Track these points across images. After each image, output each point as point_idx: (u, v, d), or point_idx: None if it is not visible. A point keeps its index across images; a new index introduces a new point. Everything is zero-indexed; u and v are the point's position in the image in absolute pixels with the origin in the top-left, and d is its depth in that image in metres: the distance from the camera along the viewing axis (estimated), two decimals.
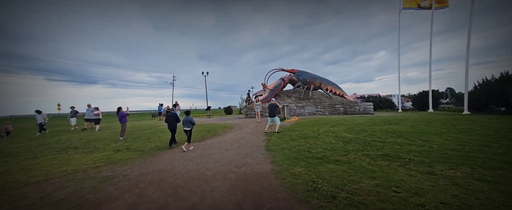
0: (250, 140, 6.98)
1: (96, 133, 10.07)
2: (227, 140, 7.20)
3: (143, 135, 8.90)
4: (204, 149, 5.97)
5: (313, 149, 5.12)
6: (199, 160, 4.80)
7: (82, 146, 7.23)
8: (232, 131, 9.05)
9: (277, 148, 5.46)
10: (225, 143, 6.68)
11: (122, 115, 8.30)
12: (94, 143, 7.64)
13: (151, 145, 7.01)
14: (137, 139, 8.05)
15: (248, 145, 6.23)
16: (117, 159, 5.28)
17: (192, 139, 7.65)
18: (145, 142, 7.52)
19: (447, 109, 16.75)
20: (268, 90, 18.44)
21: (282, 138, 6.66)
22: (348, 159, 4.17)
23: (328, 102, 17.23)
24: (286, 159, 4.51)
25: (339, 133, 6.60)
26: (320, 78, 19.33)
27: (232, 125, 10.70)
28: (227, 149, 5.77)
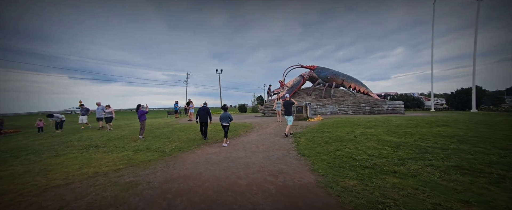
0: (277, 142, 6.42)
1: (114, 131, 10.07)
2: (251, 141, 6.70)
3: (162, 134, 8.69)
4: (229, 151, 5.51)
5: (356, 155, 4.44)
6: (226, 165, 4.34)
7: (102, 145, 7.11)
8: (253, 131, 8.55)
9: (311, 153, 4.85)
10: (249, 145, 6.18)
11: (141, 113, 8.12)
12: (114, 142, 7.51)
13: (171, 145, 6.70)
14: (156, 138, 7.83)
15: (275, 147, 5.68)
16: (138, 161, 4.98)
17: (213, 140, 7.26)
18: (165, 141, 7.24)
19: (493, 109, 14.91)
20: (286, 88, 17.74)
21: (313, 141, 6.02)
22: (408, 170, 3.46)
23: (352, 101, 16.16)
24: (328, 167, 3.89)
25: (379, 136, 5.82)
26: (343, 75, 18.22)
27: (252, 124, 10.20)
28: (254, 152, 5.26)
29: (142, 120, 8.13)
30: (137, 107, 8.28)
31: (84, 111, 11.83)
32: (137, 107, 8.25)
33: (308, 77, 17.94)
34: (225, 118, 6.77)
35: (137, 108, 8.25)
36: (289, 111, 7.40)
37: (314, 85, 17.95)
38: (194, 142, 6.95)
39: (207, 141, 7.05)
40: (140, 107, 8.27)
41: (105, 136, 8.69)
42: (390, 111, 15.23)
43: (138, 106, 8.28)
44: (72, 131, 10.63)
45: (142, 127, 8.10)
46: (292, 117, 7.40)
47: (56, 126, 11.02)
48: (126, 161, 5.04)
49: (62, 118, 11.40)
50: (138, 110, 8.18)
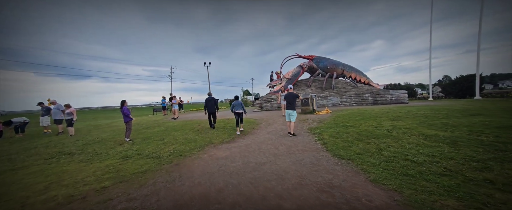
0: (295, 140, 5.53)
1: (94, 133, 8.62)
2: (265, 140, 5.75)
3: (153, 134, 7.45)
4: (244, 155, 4.52)
5: (410, 155, 3.66)
6: (251, 176, 3.36)
7: (78, 151, 5.78)
8: (261, 128, 7.59)
9: (350, 154, 4.01)
10: (265, 145, 5.23)
11: (127, 113, 6.75)
12: (93, 147, 6.19)
13: (168, 148, 5.57)
14: (147, 141, 6.60)
15: (299, 148, 4.79)
16: (129, 173, 3.84)
17: (219, 140, 6.20)
18: (159, 144, 6.07)
19: (497, 96, 15.08)
20: (285, 79, 16.84)
21: (340, 138, 5.20)
22: (506, 177, 2.70)
23: (355, 91, 15.69)
24: (389, 175, 3.06)
25: (417, 129, 5.11)
26: (343, 65, 17.68)
27: (256, 120, 9.22)
28: (277, 155, 4.32)
29: (128, 121, 6.80)
30: (122, 103, 6.92)
31: (43, 111, 9.47)
32: (122, 104, 6.89)
33: (307, 67, 17.13)
34: (237, 106, 7.37)
35: (122, 104, 6.89)
36: (292, 105, 6.30)
37: (314, 76, 17.23)
38: (196, 144, 5.86)
39: (211, 142, 5.98)
40: (125, 104, 6.92)
41: (81, 139, 7.28)
42: (394, 101, 14.97)
43: (123, 102, 6.92)
44: (38, 135, 8.97)
45: (129, 128, 6.80)
46: (295, 112, 6.32)
47: (16, 129, 9.16)
48: (112, 173, 3.87)
49: (25, 121, 9.56)
50: (123, 107, 6.83)
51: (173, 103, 13.28)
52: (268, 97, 16.02)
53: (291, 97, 6.47)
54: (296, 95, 6.54)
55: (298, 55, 18.05)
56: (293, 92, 6.61)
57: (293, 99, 6.43)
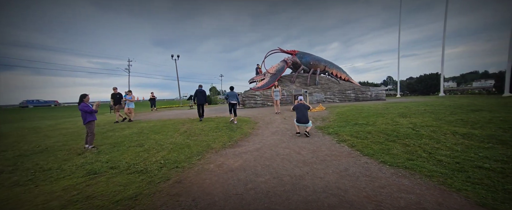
0: (313, 142, 4.85)
1: (31, 137, 6.48)
2: (277, 143, 4.93)
3: (125, 139, 5.87)
4: (264, 163, 3.62)
5: (475, 160, 3.24)
6: (299, 198, 2.51)
7: (8, 168, 4.00)
8: (262, 128, 6.73)
9: (399, 160, 3.40)
10: (282, 150, 4.41)
11: (87, 110, 5.02)
12: (34, 160, 4.43)
13: (155, 157, 4.26)
14: (120, 147, 5.07)
15: (325, 152, 4.10)
16: (108, 200, 2.56)
17: (220, 143, 5.11)
18: (139, 152, 4.66)
19: (457, 93, 17.02)
20: (268, 74, 16.22)
21: (365, 138, 4.68)
22: None
23: (338, 88, 16.04)
24: (486, 190, 2.54)
25: (443, 127, 4.77)
26: (325, 61, 17.97)
27: (251, 118, 8.30)
28: (309, 164, 3.53)
29: (89, 121, 5.11)
30: (81, 98, 5.15)
31: None
32: (81, 99, 5.13)
33: (291, 62, 16.84)
34: (232, 96, 7.89)
35: (80, 100, 5.13)
36: (306, 116, 5.66)
37: (297, 72, 17.04)
38: (191, 150, 4.67)
39: (210, 147, 4.86)
40: (85, 99, 5.17)
41: (10, 149, 5.26)
42: (373, 97, 15.79)
43: (83, 96, 5.15)
44: None
45: (90, 132, 5.10)
46: (311, 123, 5.75)
47: None
48: (79, 204, 2.53)
49: None
50: (81, 103, 5.09)
51: (128, 100, 9.42)
52: (251, 94, 15.16)
53: (303, 108, 5.76)
54: (307, 107, 5.94)
55: (281, 49, 17.64)
56: (303, 103, 5.95)
57: (306, 110, 5.79)
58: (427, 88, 18.92)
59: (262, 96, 15.08)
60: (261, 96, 15.09)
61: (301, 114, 5.71)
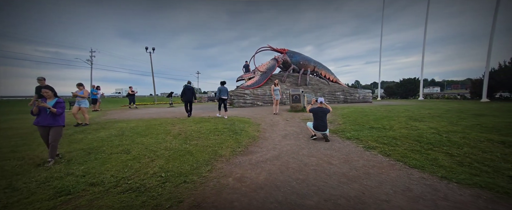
0: (337, 148, 4.33)
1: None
2: (296, 150, 4.33)
3: (103, 143, 4.75)
4: (297, 177, 3.00)
5: None
6: None
7: None
8: (268, 131, 6.08)
9: (463, 176, 2.94)
10: (307, 158, 3.83)
11: (59, 107, 3.77)
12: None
13: (151, 169, 3.36)
14: (96, 154, 4.00)
15: (359, 162, 3.61)
16: None
17: (228, 149, 4.34)
18: (126, 161, 3.68)
19: (434, 97, 18.09)
20: (259, 72, 15.64)
21: (395, 145, 4.23)
22: None
23: (328, 89, 16.12)
24: None
25: (471, 133, 4.53)
26: (314, 61, 18.00)
27: (250, 119, 7.61)
28: (356, 180, 2.96)
29: (58, 126, 3.74)
30: (38, 89, 3.93)
31: None
32: (38, 91, 3.88)
33: (282, 61, 16.48)
34: (224, 91, 8.03)
35: (38, 91, 3.89)
36: (324, 122, 4.97)
37: (288, 71, 16.74)
38: (194, 158, 3.84)
39: (218, 154, 4.08)
40: (47, 91, 3.92)
41: None
42: (361, 99, 16.19)
43: (41, 88, 3.86)
44: None
45: (54, 139, 3.64)
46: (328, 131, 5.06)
47: None
48: None
49: None
50: (40, 99, 3.79)
51: (78, 97, 6.79)
52: (241, 92, 14.42)
53: (323, 114, 4.99)
54: (328, 111, 5.12)
55: (270, 47, 17.20)
56: (325, 107, 5.14)
57: (326, 116, 5.04)
58: (406, 92, 20.24)
59: (252, 95, 14.44)
60: (251, 95, 14.44)
61: (321, 121, 4.95)
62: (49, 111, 3.59)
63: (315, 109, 5.14)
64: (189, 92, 8.42)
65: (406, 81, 20.71)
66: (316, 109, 5.13)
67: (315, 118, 5.06)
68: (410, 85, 20.23)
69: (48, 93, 3.72)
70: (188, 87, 8.51)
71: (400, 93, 20.85)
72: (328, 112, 5.11)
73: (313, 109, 5.19)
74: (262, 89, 14.93)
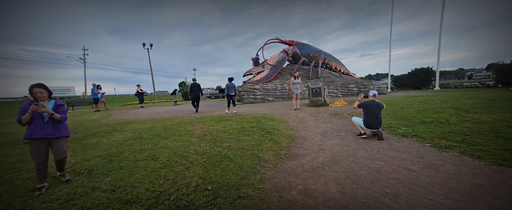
0: (405, 150, 3.73)
1: None
2: (350, 153, 3.84)
3: (122, 147, 4.25)
4: (398, 195, 2.45)
5: None
6: None
7: None
8: (301, 129, 5.59)
9: None
10: (374, 163, 3.35)
11: (62, 111, 2.93)
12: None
13: (189, 180, 2.88)
14: (119, 161, 3.50)
15: (458, 171, 3.01)
16: None
17: (270, 152, 3.85)
18: (158, 169, 3.19)
19: (451, 87, 17.25)
20: (268, 66, 15.05)
21: (477, 143, 3.66)
22: None
23: (341, 82, 15.61)
24: None
25: None
26: (324, 53, 17.42)
27: (274, 116, 7.11)
28: (473, 197, 2.51)
29: (60, 138, 2.90)
30: (30, 89, 2.99)
31: None
32: (31, 91, 2.80)
33: (292, 53, 15.89)
34: (232, 88, 8.14)
35: (32, 91, 2.80)
36: (379, 119, 4.42)
37: (298, 64, 16.17)
38: (234, 164, 3.35)
39: (260, 157, 3.59)
40: (41, 91, 2.85)
41: None
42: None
43: (36, 88, 2.80)
44: None
45: (62, 155, 2.91)
46: None
47: None
48: None
49: None
50: (28, 102, 2.76)
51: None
52: (251, 87, 13.87)
53: (378, 109, 4.42)
54: (383, 106, 4.54)
55: (278, 39, 16.56)
56: (380, 102, 4.54)
57: (380, 111, 4.48)
58: (419, 82, 19.70)
59: (262, 90, 13.92)
60: (261, 90, 13.92)
61: (375, 117, 4.34)
62: (48, 118, 2.76)
63: (368, 104, 4.53)
64: (196, 89, 8.73)
65: (418, 71, 20.09)
66: (369, 103, 4.53)
67: (368, 113, 4.48)
68: (422, 75, 19.69)
69: (43, 94, 2.80)
70: (194, 84, 8.85)
71: (411, 83, 20.33)
72: (383, 107, 4.55)
73: (365, 104, 4.59)
74: (273, 84, 14.40)
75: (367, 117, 4.43)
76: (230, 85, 8.12)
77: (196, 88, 8.80)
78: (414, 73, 20.17)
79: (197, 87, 8.86)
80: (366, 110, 4.48)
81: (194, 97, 8.77)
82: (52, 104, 2.87)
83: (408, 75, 20.91)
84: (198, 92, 8.78)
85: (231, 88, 8.09)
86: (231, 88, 8.09)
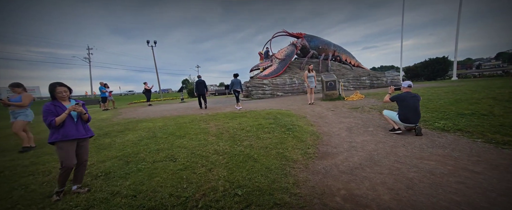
0: (454, 147, 3.31)
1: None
2: (388, 151, 3.52)
3: (137, 147, 4.07)
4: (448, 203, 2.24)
5: None
6: None
7: None
8: (322, 124, 5.32)
9: None
10: (424, 164, 3.01)
11: (86, 110, 2.64)
12: None
13: (214, 183, 2.65)
14: (136, 163, 3.30)
15: None
16: None
17: (297, 151, 3.58)
18: (179, 171, 2.98)
19: (469, 76, 16.49)
20: (276, 60, 14.67)
21: None
22: None
23: (352, 74, 15.14)
24: None
25: None
26: (334, 45, 16.90)
27: (290, 111, 6.83)
28: None
29: (89, 139, 2.78)
30: (53, 88, 2.55)
31: None
32: (53, 90, 2.53)
33: (300, 46, 15.44)
34: (237, 84, 8.44)
35: (53, 91, 2.53)
36: (418, 111, 4.04)
37: (307, 57, 15.72)
38: (259, 164, 3.11)
39: (286, 157, 3.35)
40: (53, 94, 2.56)
41: None
42: (389, 83, 15.19)
43: (55, 89, 2.54)
44: None
45: (86, 157, 2.76)
46: None
47: None
48: None
49: None
50: (50, 102, 2.52)
51: (13, 106, 4.22)
52: (259, 83, 13.56)
53: (415, 100, 4.00)
54: (420, 98, 4.13)
55: (286, 31, 16.11)
56: (416, 93, 4.10)
57: (418, 102, 4.05)
58: (433, 73, 18.93)
59: (271, 85, 13.60)
60: (270, 85, 13.60)
61: (413, 110, 3.90)
62: (77, 118, 2.62)
63: (403, 96, 4.06)
64: (201, 86, 9.00)
65: (432, 61, 19.21)
66: (404, 95, 4.06)
67: (404, 106, 4.04)
68: (437, 65, 18.87)
69: (67, 93, 2.64)
70: (200, 81, 9.14)
71: (425, 74, 19.56)
72: (420, 99, 4.12)
73: (400, 97, 4.12)
74: (281, 78, 14.06)
75: (404, 111, 4.04)
76: (235, 81, 8.45)
77: (201, 85, 9.03)
78: (428, 63, 19.33)
79: (203, 84, 9.08)
80: (402, 103, 4.08)
81: (200, 94, 9.04)
82: (74, 104, 2.67)
83: (421, 66, 20.09)
84: (204, 88, 9.04)
85: (236, 84, 8.41)
86: (236, 84, 8.41)
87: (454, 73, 15.40)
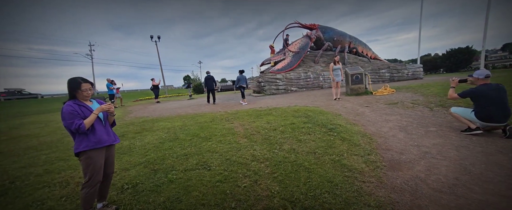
0: None
1: None
2: (490, 161, 2.93)
3: (161, 152, 3.61)
4: None
5: None
6: None
7: None
8: (366, 123, 4.78)
9: None
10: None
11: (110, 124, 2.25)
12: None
13: (270, 202, 2.17)
14: (165, 171, 2.83)
15: None
16: None
17: (357, 160, 3.05)
18: (217, 183, 2.51)
19: (499, 67, 15.60)
20: (290, 53, 14.02)
21: None
22: None
23: (370, 67, 14.42)
24: None
25: None
26: (350, 36, 16.10)
27: (319, 108, 6.29)
28: None
29: (109, 144, 2.16)
30: (77, 85, 2.06)
31: None
32: (73, 87, 2.01)
33: (315, 38, 14.71)
34: (243, 80, 8.77)
35: (73, 87, 2.01)
36: (507, 109, 3.29)
37: (322, 49, 15.01)
38: (313, 174, 2.62)
39: (347, 167, 2.84)
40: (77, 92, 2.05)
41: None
42: (410, 76, 14.45)
43: (77, 84, 2.01)
44: None
45: (114, 162, 2.32)
46: None
47: None
48: None
49: None
50: (73, 101, 2.02)
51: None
52: (272, 77, 12.98)
53: (499, 92, 3.28)
54: (505, 89, 3.39)
55: (298, 23, 15.35)
56: (500, 84, 3.38)
57: (506, 95, 3.33)
58: (456, 64, 17.96)
59: (284, 80, 13.02)
60: (283, 80, 13.02)
61: (501, 106, 3.22)
62: (105, 120, 2.18)
63: (481, 90, 3.32)
64: (210, 82, 9.33)
65: (455, 51, 18.16)
66: (483, 89, 3.31)
67: (485, 102, 3.33)
68: (460, 55, 17.88)
69: (91, 91, 2.14)
70: (208, 77, 9.38)
71: (446, 66, 18.59)
72: (506, 90, 3.36)
73: (476, 91, 3.38)
74: (296, 72, 13.46)
75: (484, 108, 3.32)
76: (241, 77, 8.74)
77: (210, 80, 9.35)
78: (451, 54, 18.29)
79: (211, 79, 9.40)
80: (481, 99, 3.34)
81: (209, 89, 9.39)
82: (97, 104, 2.19)
83: (442, 57, 19.05)
84: (212, 84, 9.38)
85: (242, 80, 8.68)
86: (242, 80, 8.68)
87: (482, 63, 14.48)
